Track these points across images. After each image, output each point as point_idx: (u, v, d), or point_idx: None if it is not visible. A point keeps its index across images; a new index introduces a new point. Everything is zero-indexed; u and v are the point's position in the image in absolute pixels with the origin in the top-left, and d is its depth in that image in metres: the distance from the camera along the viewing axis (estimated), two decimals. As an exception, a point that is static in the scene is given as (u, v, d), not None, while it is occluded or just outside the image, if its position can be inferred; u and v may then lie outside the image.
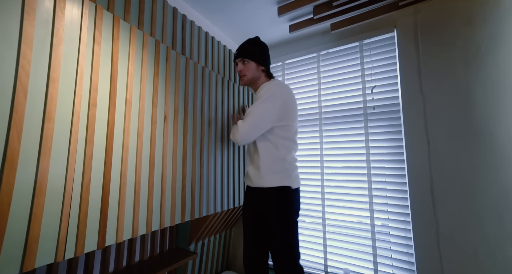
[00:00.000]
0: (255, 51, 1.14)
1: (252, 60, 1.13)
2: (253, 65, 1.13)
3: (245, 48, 1.14)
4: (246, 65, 1.13)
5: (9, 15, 0.58)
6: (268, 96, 1.02)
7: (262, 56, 1.15)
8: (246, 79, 1.15)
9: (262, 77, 1.16)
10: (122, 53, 0.86)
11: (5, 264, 0.54)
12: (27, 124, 0.60)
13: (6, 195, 0.55)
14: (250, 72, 1.13)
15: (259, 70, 1.15)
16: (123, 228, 0.80)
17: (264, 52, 1.17)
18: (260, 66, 1.14)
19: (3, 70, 0.57)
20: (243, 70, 1.14)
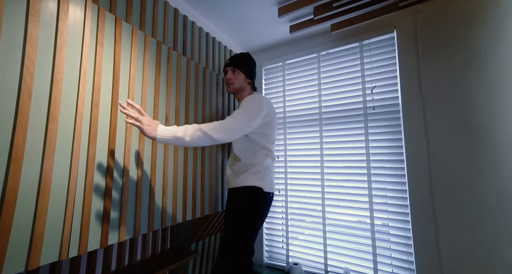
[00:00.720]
0: (246, 65, 1.22)
1: (242, 72, 1.20)
2: (242, 76, 1.20)
3: (238, 60, 1.21)
4: (236, 75, 1.19)
5: (14, 17, 0.59)
6: (254, 103, 1.08)
7: (251, 70, 1.24)
8: (233, 88, 1.20)
9: (247, 89, 1.23)
10: (124, 54, 0.87)
11: (11, 262, 0.55)
12: (31, 125, 0.61)
13: (11, 194, 0.56)
14: (238, 82, 1.19)
15: (246, 82, 1.22)
16: (125, 227, 0.81)
17: (253, 68, 1.25)
18: (247, 79, 1.22)
19: (8, 71, 0.58)
20: (232, 79, 1.19)
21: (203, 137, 0.87)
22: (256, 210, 1.07)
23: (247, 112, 1.04)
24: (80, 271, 0.97)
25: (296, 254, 1.62)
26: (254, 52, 2.00)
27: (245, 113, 1.04)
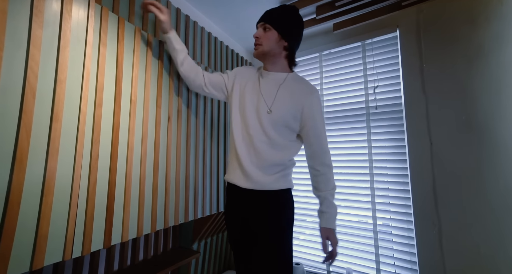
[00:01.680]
0: (284, 20, 0.90)
1: (275, 29, 0.89)
2: (274, 35, 0.89)
3: (274, 13, 0.91)
4: (267, 33, 0.90)
5: (18, 17, 0.59)
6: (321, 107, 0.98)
7: (290, 29, 0.91)
8: (260, 51, 0.91)
9: (281, 58, 0.94)
10: (126, 54, 0.87)
11: (15, 262, 0.55)
12: (35, 125, 0.61)
13: (16, 195, 0.56)
14: (269, 43, 0.89)
15: (280, 45, 0.91)
16: (128, 227, 0.81)
17: (295, 26, 0.92)
18: (282, 41, 0.90)
19: (13, 71, 0.58)
20: (260, 38, 0.91)
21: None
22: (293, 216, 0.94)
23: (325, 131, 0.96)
24: (83, 271, 0.98)
25: (298, 254, 1.62)
26: (256, 52, 2.00)
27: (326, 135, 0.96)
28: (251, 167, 0.89)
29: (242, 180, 0.91)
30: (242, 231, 0.93)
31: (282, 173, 0.92)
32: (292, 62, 0.99)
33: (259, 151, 0.89)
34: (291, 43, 0.93)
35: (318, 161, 0.94)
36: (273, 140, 0.90)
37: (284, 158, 0.91)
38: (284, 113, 0.90)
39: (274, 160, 0.89)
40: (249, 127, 0.91)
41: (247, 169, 0.89)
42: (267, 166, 0.89)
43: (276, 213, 0.88)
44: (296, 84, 0.95)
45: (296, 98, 0.91)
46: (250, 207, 0.90)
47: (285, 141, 0.92)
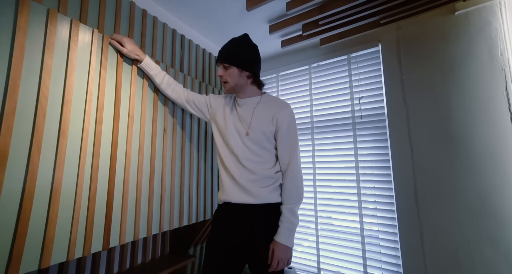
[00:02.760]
0: (238, 54, 0.96)
1: (234, 65, 0.96)
2: (235, 70, 0.96)
3: (227, 50, 0.98)
4: (227, 70, 0.98)
5: (33, 50, 0.70)
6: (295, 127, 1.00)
7: (246, 60, 0.97)
8: (228, 88, 1.00)
9: (248, 86, 1.01)
10: (125, 74, 0.97)
11: (26, 262, 0.63)
12: (45, 141, 0.70)
13: (28, 203, 0.65)
14: (232, 79, 0.97)
15: (243, 76, 0.98)
16: (126, 231, 0.90)
17: (248, 55, 0.98)
18: (244, 72, 0.98)
19: (27, 96, 0.68)
20: (224, 76, 0.98)
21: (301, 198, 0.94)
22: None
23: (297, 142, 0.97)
24: (86, 272, 1.05)
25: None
26: (250, 65, 2.11)
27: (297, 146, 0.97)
28: (246, 181, 0.93)
29: (240, 194, 0.93)
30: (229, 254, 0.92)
31: (275, 185, 0.95)
32: (260, 85, 1.05)
33: (248, 168, 0.94)
34: (253, 71, 0.99)
35: (284, 173, 0.95)
36: (259, 156, 0.95)
37: (271, 170, 0.95)
38: (260, 132, 0.95)
39: (263, 173, 0.93)
40: (233, 148, 0.97)
41: (243, 184, 0.92)
42: (259, 179, 0.93)
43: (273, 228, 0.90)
44: (269, 104, 1.00)
45: (270, 115, 0.96)
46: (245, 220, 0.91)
47: (270, 155, 0.97)
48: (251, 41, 1.03)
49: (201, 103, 1.12)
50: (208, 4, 1.35)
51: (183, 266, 1.38)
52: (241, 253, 0.93)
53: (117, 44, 0.93)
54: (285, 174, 0.95)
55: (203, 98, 1.13)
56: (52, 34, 0.74)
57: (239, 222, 0.93)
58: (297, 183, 0.94)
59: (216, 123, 1.05)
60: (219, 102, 1.09)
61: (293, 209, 0.91)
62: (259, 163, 0.95)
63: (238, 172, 0.95)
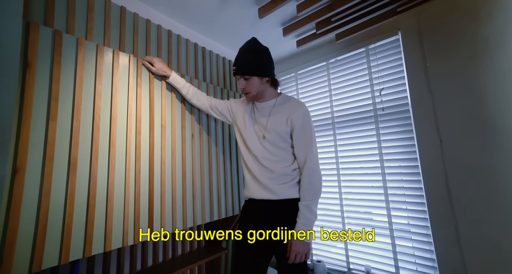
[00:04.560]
0: (255, 64, 0.99)
1: (253, 75, 0.99)
2: (256, 80, 1.00)
3: (243, 62, 1.00)
4: (249, 81, 1.00)
5: (88, 79, 0.88)
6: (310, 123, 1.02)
7: (264, 66, 1.00)
8: (251, 96, 1.04)
9: (268, 89, 1.05)
10: (156, 90, 1.13)
11: (96, 245, 0.81)
12: (100, 151, 0.88)
13: (92, 200, 0.82)
14: (255, 88, 1.01)
15: (264, 82, 1.02)
16: (165, 224, 1.05)
17: (264, 60, 1.01)
18: (264, 79, 1.01)
19: (86, 116, 0.86)
20: (246, 87, 1.02)
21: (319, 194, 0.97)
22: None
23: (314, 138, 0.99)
24: (137, 259, 1.25)
25: (319, 252, 1.71)
26: (268, 66, 2.18)
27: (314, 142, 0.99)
28: (266, 179, 1.00)
29: (261, 191, 1.01)
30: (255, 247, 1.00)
31: (294, 182, 1.00)
32: (276, 85, 1.09)
33: (267, 167, 1.01)
34: (271, 75, 1.03)
35: (301, 170, 0.99)
36: (276, 155, 1.01)
37: (289, 168, 1.00)
38: (275, 134, 1.01)
39: (281, 171, 0.99)
40: (252, 149, 1.05)
41: (263, 181, 1.01)
42: (277, 177, 0.99)
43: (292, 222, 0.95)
44: (283, 105, 1.04)
45: (285, 117, 1.01)
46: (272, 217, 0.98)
47: (287, 154, 1.02)
48: (260, 45, 1.04)
49: (223, 108, 1.23)
50: (224, 18, 1.46)
51: (217, 257, 1.51)
52: (266, 246, 1.00)
53: (148, 64, 1.09)
54: (302, 172, 0.99)
55: (224, 103, 1.24)
56: (101, 64, 0.92)
57: (262, 216, 1.01)
58: (313, 179, 0.96)
59: (237, 126, 1.15)
60: (238, 107, 1.18)
61: (310, 205, 0.94)
62: (276, 161, 1.01)
63: (258, 170, 1.03)
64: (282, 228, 0.96)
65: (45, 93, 0.77)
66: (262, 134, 1.05)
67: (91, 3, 0.96)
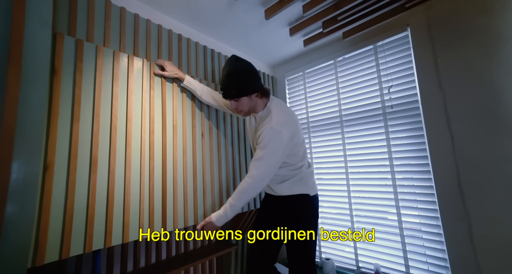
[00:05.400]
0: (240, 86, 1.03)
1: (241, 96, 1.04)
2: (245, 99, 1.05)
3: (229, 87, 1.04)
4: (239, 102, 1.06)
5: (106, 82, 0.95)
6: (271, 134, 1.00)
7: (248, 85, 1.03)
8: (244, 113, 1.12)
9: (258, 103, 1.10)
10: (168, 92, 1.19)
11: (116, 237, 0.88)
12: (118, 150, 0.94)
13: (111, 196, 0.89)
14: (245, 106, 1.08)
15: (253, 98, 1.07)
16: (177, 218, 1.11)
17: (247, 80, 1.04)
18: (252, 96, 1.06)
19: (105, 117, 0.93)
20: (237, 108, 1.09)
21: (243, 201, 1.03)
22: (312, 217, 1.10)
23: (269, 154, 0.98)
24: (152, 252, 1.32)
25: (328, 250, 1.72)
26: (276, 66, 2.21)
27: (268, 157, 0.99)
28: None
29: (267, 188, 1.21)
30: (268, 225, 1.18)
31: (292, 180, 1.11)
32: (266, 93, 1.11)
33: None
34: (256, 90, 1.05)
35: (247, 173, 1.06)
36: None
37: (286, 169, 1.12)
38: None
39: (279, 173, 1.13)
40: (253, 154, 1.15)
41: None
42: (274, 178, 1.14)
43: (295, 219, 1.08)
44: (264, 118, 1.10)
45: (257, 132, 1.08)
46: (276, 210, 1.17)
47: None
48: (241, 63, 1.06)
49: None
50: (231, 20, 1.50)
51: (227, 252, 1.56)
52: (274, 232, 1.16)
53: (160, 72, 1.14)
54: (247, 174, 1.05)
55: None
56: (117, 69, 0.99)
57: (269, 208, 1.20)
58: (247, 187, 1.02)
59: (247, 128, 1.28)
60: None
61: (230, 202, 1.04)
62: None
63: None
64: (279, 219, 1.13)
65: (69, 97, 0.84)
66: (253, 141, 1.20)
67: (108, 12, 1.03)
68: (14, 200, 0.58)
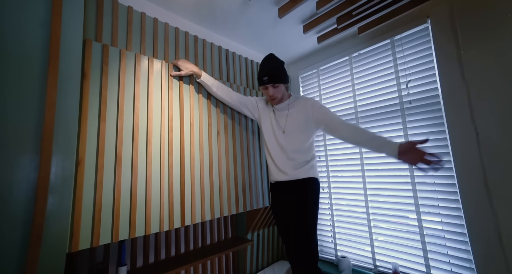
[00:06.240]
0: (282, 74, 1.23)
1: (281, 83, 1.23)
2: (282, 87, 1.25)
3: (273, 73, 1.21)
4: (277, 89, 1.23)
5: (129, 84, 1.01)
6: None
7: (286, 75, 1.27)
8: (277, 100, 1.29)
9: (285, 93, 1.32)
10: (185, 91, 1.24)
11: (139, 228, 0.94)
12: (140, 148, 1.01)
13: (134, 190, 0.95)
14: (281, 93, 1.26)
15: (285, 87, 1.29)
16: (195, 213, 1.16)
17: (285, 71, 1.27)
18: (286, 85, 1.29)
19: (128, 116, 0.99)
20: (275, 94, 1.23)
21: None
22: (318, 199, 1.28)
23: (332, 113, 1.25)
24: (172, 245, 1.38)
25: (345, 248, 1.70)
26: (290, 64, 2.21)
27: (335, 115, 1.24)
28: (284, 166, 1.29)
29: (281, 175, 1.30)
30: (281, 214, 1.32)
31: (307, 166, 1.27)
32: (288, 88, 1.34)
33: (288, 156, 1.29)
34: (288, 82, 1.28)
35: (347, 133, 1.19)
36: (296, 146, 1.28)
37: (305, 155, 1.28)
38: (295, 130, 1.27)
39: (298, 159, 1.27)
40: (276, 142, 1.32)
41: (282, 168, 1.29)
42: (293, 165, 1.27)
43: (304, 194, 1.23)
44: (296, 103, 1.32)
45: (303, 112, 1.27)
46: (287, 193, 1.27)
47: (302, 146, 1.27)
48: (279, 59, 1.29)
49: (253, 106, 1.42)
50: (245, 20, 1.52)
51: (242, 248, 1.60)
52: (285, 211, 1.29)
53: (177, 73, 1.18)
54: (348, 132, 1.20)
55: (254, 101, 1.42)
56: (138, 71, 1.05)
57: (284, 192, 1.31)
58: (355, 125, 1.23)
59: (262, 123, 1.39)
60: (262, 105, 1.41)
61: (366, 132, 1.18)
62: (294, 152, 1.27)
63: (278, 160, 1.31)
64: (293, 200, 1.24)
65: (97, 98, 0.91)
66: (283, 130, 1.30)
67: (130, 18, 1.10)
68: (54, 192, 0.64)
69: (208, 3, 1.37)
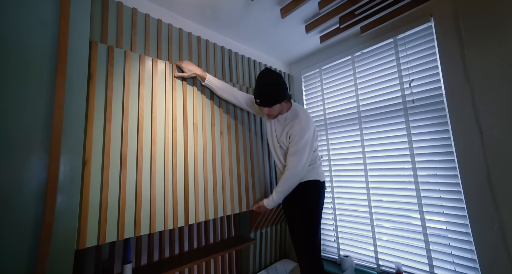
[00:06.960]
0: (275, 95, 1.19)
1: (276, 104, 1.21)
2: (277, 106, 1.23)
3: (266, 96, 1.19)
4: (272, 108, 1.22)
5: (133, 85, 1.03)
6: (303, 132, 1.26)
7: (281, 94, 1.20)
8: (273, 117, 1.32)
9: (285, 106, 1.31)
10: (189, 92, 1.25)
11: (144, 227, 0.95)
12: (144, 147, 1.02)
13: (139, 189, 0.97)
14: (276, 111, 1.26)
15: (282, 104, 1.26)
16: (199, 212, 1.17)
17: (280, 89, 1.19)
18: (283, 102, 1.25)
19: (132, 117, 1.01)
20: (269, 113, 1.25)
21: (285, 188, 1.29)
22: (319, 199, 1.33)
23: (302, 149, 1.24)
24: (175, 243, 1.40)
25: (347, 247, 1.70)
26: (292, 63, 2.21)
27: (301, 152, 1.24)
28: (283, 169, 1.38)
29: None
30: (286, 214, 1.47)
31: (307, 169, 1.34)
32: (289, 98, 1.34)
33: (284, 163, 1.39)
34: (286, 97, 1.25)
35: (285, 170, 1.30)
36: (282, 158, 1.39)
37: None
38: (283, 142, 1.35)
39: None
40: (273, 150, 1.44)
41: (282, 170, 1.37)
42: None
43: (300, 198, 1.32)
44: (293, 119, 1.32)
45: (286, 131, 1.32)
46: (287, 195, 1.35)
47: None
48: (274, 74, 1.23)
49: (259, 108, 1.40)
50: (248, 21, 1.53)
51: (245, 247, 1.61)
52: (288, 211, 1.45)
53: (180, 74, 1.21)
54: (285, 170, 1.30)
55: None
56: (143, 72, 1.06)
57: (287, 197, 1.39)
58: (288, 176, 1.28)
59: (266, 126, 1.47)
60: None
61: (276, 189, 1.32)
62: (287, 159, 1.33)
63: (279, 164, 1.42)
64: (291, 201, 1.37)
65: (102, 99, 0.92)
66: (277, 139, 1.39)
67: (135, 19, 1.11)
68: (62, 191, 0.66)
69: (211, 4, 1.38)
